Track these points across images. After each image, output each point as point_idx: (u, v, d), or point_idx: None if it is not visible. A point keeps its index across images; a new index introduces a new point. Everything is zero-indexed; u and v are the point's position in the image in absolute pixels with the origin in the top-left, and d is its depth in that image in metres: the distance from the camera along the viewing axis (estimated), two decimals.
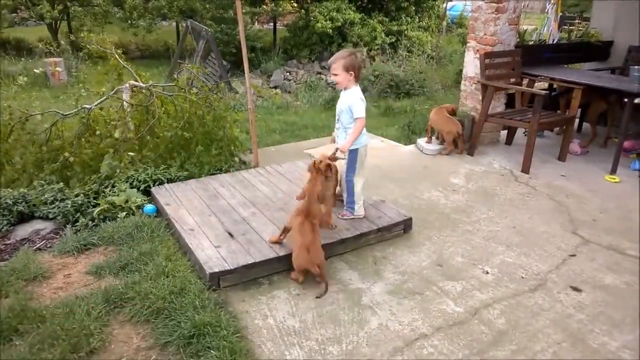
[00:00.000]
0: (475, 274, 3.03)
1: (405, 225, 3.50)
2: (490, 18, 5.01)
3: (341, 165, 3.37)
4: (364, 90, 11.04)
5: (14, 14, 17.11)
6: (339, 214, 3.48)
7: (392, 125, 7.26)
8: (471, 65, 5.30)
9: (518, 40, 5.51)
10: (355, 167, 3.35)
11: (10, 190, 3.64)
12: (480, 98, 5.14)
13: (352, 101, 3.20)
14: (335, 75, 3.20)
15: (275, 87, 11.46)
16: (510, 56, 5.18)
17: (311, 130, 7.46)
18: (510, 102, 5.46)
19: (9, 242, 3.29)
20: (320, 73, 12.59)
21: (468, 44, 5.33)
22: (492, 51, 5.03)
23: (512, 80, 5.21)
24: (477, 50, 5.15)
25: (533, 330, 2.54)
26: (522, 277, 2.99)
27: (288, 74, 12.31)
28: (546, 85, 5.73)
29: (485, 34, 5.08)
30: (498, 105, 5.29)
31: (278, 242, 3.06)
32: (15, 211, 3.45)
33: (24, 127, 4.18)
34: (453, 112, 5.16)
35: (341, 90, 3.31)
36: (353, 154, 3.31)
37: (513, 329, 2.54)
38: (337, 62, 3.15)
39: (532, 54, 5.59)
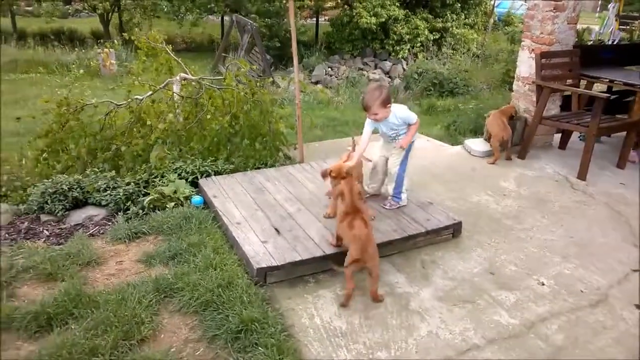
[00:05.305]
0: (529, 284, 2.89)
1: (455, 230, 3.39)
2: (547, 16, 4.78)
3: (393, 159, 3.49)
4: (406, 88, 10.74)
5: (68, 6, 17.81)
6: (382, 204, 3.52)
7: (434, 125, 7.08)
8: (525, 65, 5.08)
9: (576, 40, 5.24)
10: (408, 160, 3.48)
11: (66, 176, 3.76)
12: (534, 99, 4.92)
13: (404, 115, 3.35)
14: (376, 114, 3.26)
15: (317, 82, 11.41)
16: (568, 56, 4.93)
17: (352, 126, 7.36)
18: (565, 104, 5.21)
19: (64, 226, 3.40)
20: (362, 69, 12.45)
21: (522, 43, 5.11)
22: (548, 51, 4.80)
23: (569, 81, 4.96)
24: (533, 50, 4.93)
25: (594, 349, 2.40)
26: (582, 291, 2.83)
27: (330, 69, 12.23)
28: (605, 87, 5.44)
29: (542, 33, 4.86)
30: (552, 107, 5.06)
31: (338, 246, 2.97)
32: (70, 197, 3.56)
33: (78, 116, 4.31)
34: (514, 113, 4.97)
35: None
36: (408, 148, 3.45)
37: (572, 346, 2.41)
38: (374, 104, 3.22)
39: (591, 55, 5.30)
